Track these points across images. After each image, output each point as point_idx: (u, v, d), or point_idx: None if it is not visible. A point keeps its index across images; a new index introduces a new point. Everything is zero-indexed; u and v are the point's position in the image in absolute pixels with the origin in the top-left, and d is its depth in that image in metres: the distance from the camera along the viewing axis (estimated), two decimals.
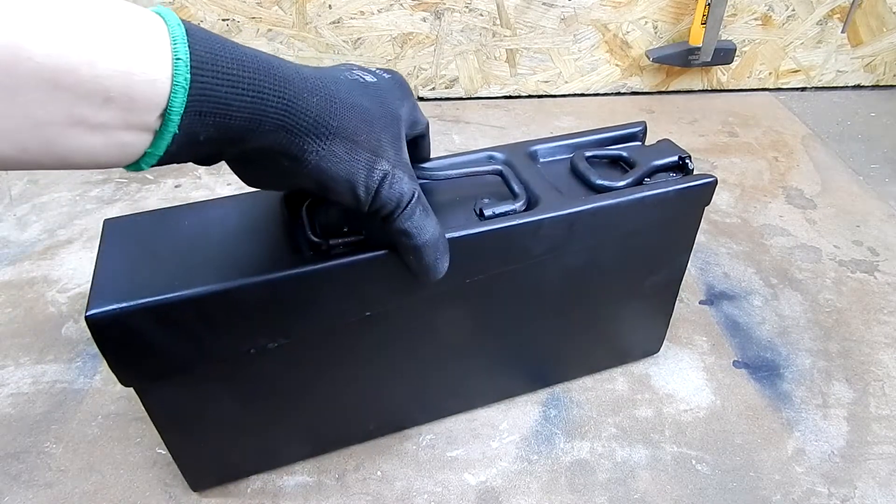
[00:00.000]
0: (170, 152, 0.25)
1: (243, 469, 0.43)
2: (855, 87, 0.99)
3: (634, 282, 0.45)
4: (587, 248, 0.41)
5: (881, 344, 0.54)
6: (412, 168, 0.32)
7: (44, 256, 0.64)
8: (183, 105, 0.23)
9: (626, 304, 0.47)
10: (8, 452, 0.45)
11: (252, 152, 0.28)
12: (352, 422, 0.44)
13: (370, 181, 0.30)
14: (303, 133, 0.27)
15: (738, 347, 0.54)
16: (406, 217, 0.31)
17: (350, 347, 0.39)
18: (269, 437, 0.42)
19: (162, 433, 0.38)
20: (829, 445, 0.46)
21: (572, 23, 0.89)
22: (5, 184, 0.76)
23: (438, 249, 0.33)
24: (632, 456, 0.45)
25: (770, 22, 0.91)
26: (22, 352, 0.53)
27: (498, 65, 0.93)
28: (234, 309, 0.33)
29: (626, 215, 0.40)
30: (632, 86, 0.96)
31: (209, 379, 0.36)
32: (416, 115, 0.35)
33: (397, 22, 0.88)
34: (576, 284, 0.43)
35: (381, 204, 0.30)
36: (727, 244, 0.65)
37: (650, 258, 0.44)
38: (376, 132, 0.30)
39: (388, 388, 0.43)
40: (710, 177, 0.41)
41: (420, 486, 0.43)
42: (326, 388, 0.41)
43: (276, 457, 0.44)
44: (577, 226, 0.39)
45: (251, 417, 0.40)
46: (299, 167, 0.28)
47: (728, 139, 0.85)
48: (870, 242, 0.65)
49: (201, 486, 0.42)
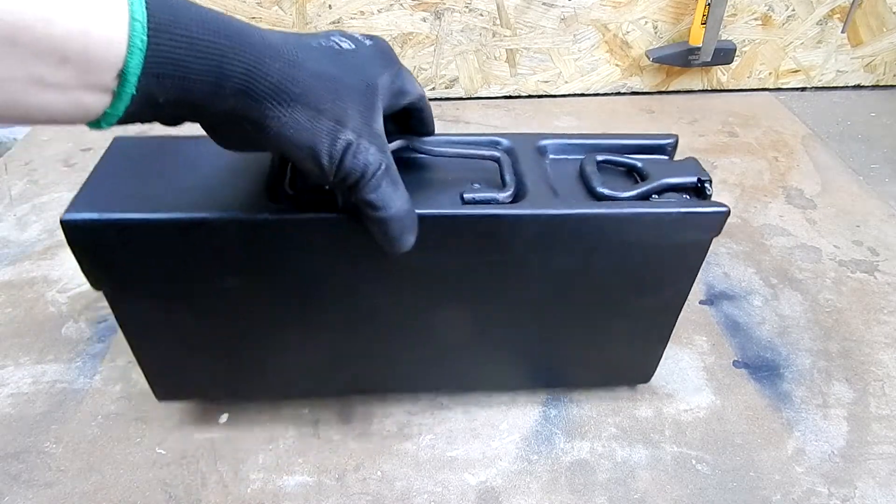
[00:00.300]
0: (130, 113, 0.25)
1: (208, 391, 0.45)
2: (855, 87, 0.99)
3: (627, 302, 0.42)
4: (576, 256, 0.39)
5: (881, 344, 0.54)
6: (385, 139, 0.32)
7: (44, 256, 0.64)
8: (140, 67, 0.23)
9: (617, 323, 0.44)
10: (8, 452, 0.45)
11: (216, 117, 0.28)
12: (314, 374, 0.45)
13: (334, 150, 0.29)
14: (263, 98, 0.27)
15: (738, 347, 0.54)
16: (371, 188, 0.31)
17: (314, 303, 0.39)
18: (233, 368, 0.43)
19: (128, 339, 0.39)
20: (829, 445, 0.46)
21: (572, 23, 0.89)
22: (5, 184, 0.76)
23: (404, 224, 0.33)
24: (632, 456, 0.45)
25: (770, 22, 0.91)
26: (22, 352, 0.53)
27: (498, 65, 0.93)
28: (195, 241, 0.35)
29: (620, 230, 0.37)
30: (632, 86, 0.96)
31: (174, 298, 0.38)
32: (401, 84, 0.34)
33: (397, 22, 0.88)
34: (564, 291, 0.41)
35: (346, 173, 0.30)
36: (727, 244, 0.65)
37: (646, 280, 0.41)
38: (343, 101, 0.29)
39: (352, 349, 0.43)
40: (721, 206, 0.37)
41: (420, 486, 0.43)
42: (288, 335, 0.41)
43: (238, 388, 0.45)
44: (562, 230, 0.37)
45: (212, 344, 0.41)
46: (261, 133, 0.28)
47: (728, 139, 0.85)
48: (870, 242, 0.65)
49: (166, 396, 0.44)
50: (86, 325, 0.56)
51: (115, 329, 0.55)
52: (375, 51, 0.33)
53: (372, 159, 0.30)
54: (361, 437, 0.46)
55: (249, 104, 0.27)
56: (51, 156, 0.82)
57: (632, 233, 0.37)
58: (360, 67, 0.31)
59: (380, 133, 0.31)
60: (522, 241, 0.37)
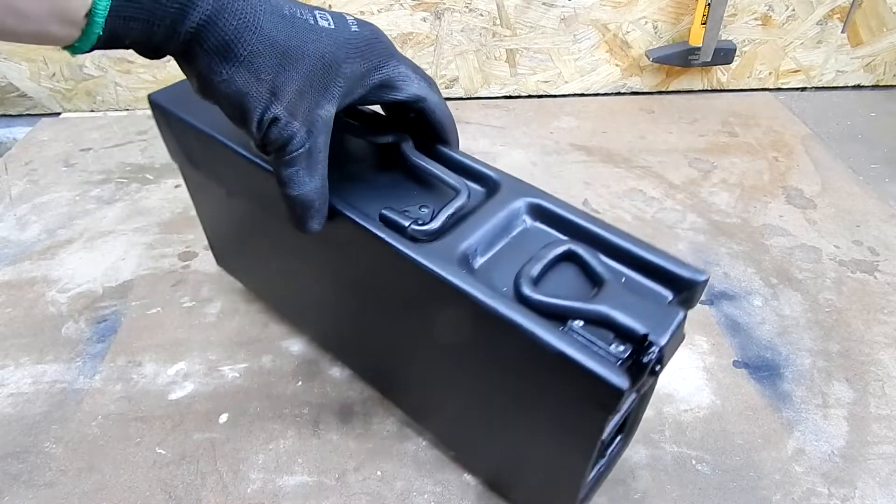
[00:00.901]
0: (97, 47, 0.27)
1: (244, 278, 0.57)
2: (855, 87, 0.99)
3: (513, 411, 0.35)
4: (451, 329, 0.33)
5: (881, 344, 0.54)
6: (324, 124, 0.32)
7: (44, 256, 0.64)
8: (107, 9, 0.26)
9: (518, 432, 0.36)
10: (8, 452, 0.45)
11: (179, 62, 0.30)
12: (293, 302, 0.52)
13: (262, 119, 0.30)
14: (212, 52, 0.28)
15: (738, 347, 0.54)
16: (286, 165, 0.32)
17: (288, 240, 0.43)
18: (253, 267, 0.53)
19: (196, 207, 0.53)
20: (829, 445, 0.46)
21: (572, 23, 0.89)
22: (5, 184, 0.76)
23: (310, 209, 0.33)
24: (632, 456, 0.45)
25: (770, 22, 0.91)
26: (22, 352, 0.53)
27: (498, 65, 0.93)
28: (218, 155, 0.41)
29: (492, 328, 0.30)
30: (632, 86, 0.96)
31: (213, 187, 0.47)
32: (387, 79, 0.34)
33: (397, 22, 0.88)
34: (457, 362, 0.36)
35: (268, 142, 0.31)
36: (727, 244, 0.65)
37: (525, 397, 0.33)
38: (286, 75, 0.30)
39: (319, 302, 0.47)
40: (619, 380, 0.26)
41: (420, 486, 0.43)
42: (278, 256, 0.47)
43: (259, 290, 0.56)
44: (434, 292, 0.32)
45: (241, 239, 0.52)
46: (204, 85, 0.30)
47: (728, 139, 0.85)
48: (870, 242, 0.65)
49: (219, 263, 0.58)
50: (86, 325, 0.56)
51: (116, 329, 0.55)
52: (358, 38, 0.32)
53: (296, 140, 0.31)
54: (361, 437, 0.46)
55: (198, 53, 0.29)
56: (51, 156, 0.82)
57: (503, 341, 0.30)
58: (328, 49, 0.31)
59: (320, 116, 0.31)
60: (396, 281, 0.35)
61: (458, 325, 0.32)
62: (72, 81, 0.92)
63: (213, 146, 0.41)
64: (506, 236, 0.35)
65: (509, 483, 0.42)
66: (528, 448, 0.37)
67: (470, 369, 0.36)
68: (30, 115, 0.95)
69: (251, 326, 0.56)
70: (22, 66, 0.90)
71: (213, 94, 0.30)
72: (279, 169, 0.32)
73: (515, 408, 0.34)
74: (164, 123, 0.45)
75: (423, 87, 0.36)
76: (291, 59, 0.30)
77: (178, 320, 0.56)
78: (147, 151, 0.83)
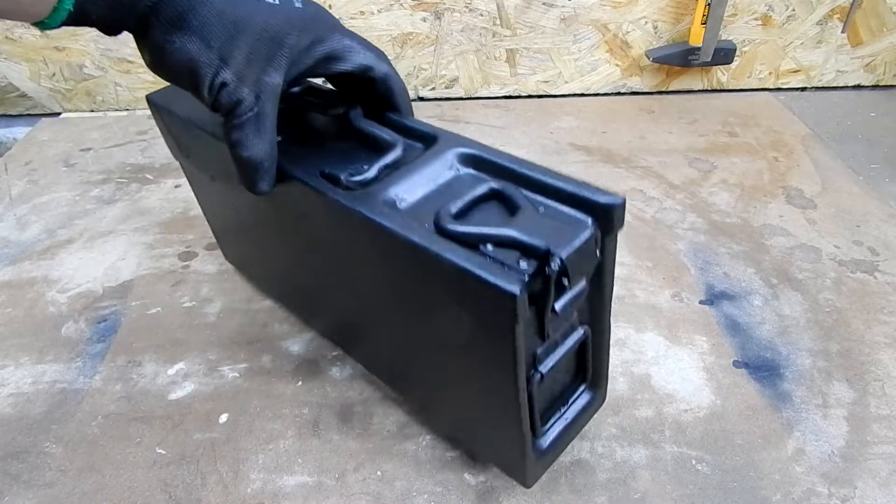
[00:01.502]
0: (67, 23, 0.30)
1: (246, 270, 0.60)
2: (855, 87, 0.99)
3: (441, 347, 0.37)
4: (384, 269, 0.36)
5: (881, 344, 0.54)
6: (272, 90, 0.34)
7: (44, 256, 0.64)
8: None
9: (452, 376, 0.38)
10: (8, 452, 0.45)
11: (135, 37, 0.33)
12: (286, 286, 0.54)
13: (213, 84, 0.32)
14: (167, 23, 0.31)
15: (738, 347, 0.54)
16: (235, 127, 0.34)
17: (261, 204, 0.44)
18: (249, 257, 0.57)
19: (200, 205, 0.58)
20: (829, 445, 0.46)
21: (572, 23, 0.89)
22: (5, 184, 0.76)
23: (259, 170, 0.36)
24: (632, 456, 0.45)
25: (770, 22, 0.91)
26: (22, 352, 0.53)
27: (498, 65, 0.93)
28: (196, 140, 0.45)
29: (413, 258, 0.32)
30: (632, 86, 0.96)
31: (201, 175, 0.51)
32: (331, 51, 0.36)
33: (397, 22, 0.88)
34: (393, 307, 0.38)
35: (219, 106, 0.33)
36: (727, 244, 0.65)
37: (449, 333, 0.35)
38: (236, 43, 0.32)
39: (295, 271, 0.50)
40: (511, 285, 0.27)
41: (420, 486, 0.43)
42: (262, 237, 0.50)
43: (253, 271, 0.59)
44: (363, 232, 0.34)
45: (237, 229, 0.55)
46: (159, 55, 0.32)
47: (728, 139, 0.85)
48: (870, 242, 0.65)
49: (227, 257, 0.61)
50: (86, 325, 0.56)
51: (115, 329, 0.55)
52: (302, 13, 0.35)
53: (245, 103, 0.33)
54: (361, 437, 0.46)
55: (154, 25, 0.31)
56: (51, 156, 0.82)
57: (422, 272, 0.32)
58: (273, 21, 0.33)
59: (267, 83, 0.34)
60: (337, 231, 0.37)
61: (388, 263, 0.35)
62: (72, 81, 0.92)
63: (192, 130, 0.44)
64: (436, 183, 0.36)
65: (466, 435, 0.44)
66: (467, 391, 0.38)
67: (405, 311, 0.38)
68: (30, 115, 0.95)
69: (251, 326, 0.56)
70: (22, 66, 0.90)
71: (167, 63, 0.33)
72: (230, 132, 0.34)
73: (446, 346, 0.36)
74: (160, 120, 0.49)
75: (370, 56, 0.38)
76: (239, 29, 0.32)
77: (178, 320, 0.56)
78: (147, 151, 0.83)
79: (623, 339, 0.54)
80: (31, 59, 0.89)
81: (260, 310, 0.57)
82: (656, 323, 0.56)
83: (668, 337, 0.53)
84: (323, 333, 0.54)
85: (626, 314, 0.57)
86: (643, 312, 0.57)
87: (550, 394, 0.39)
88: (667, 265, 0.62)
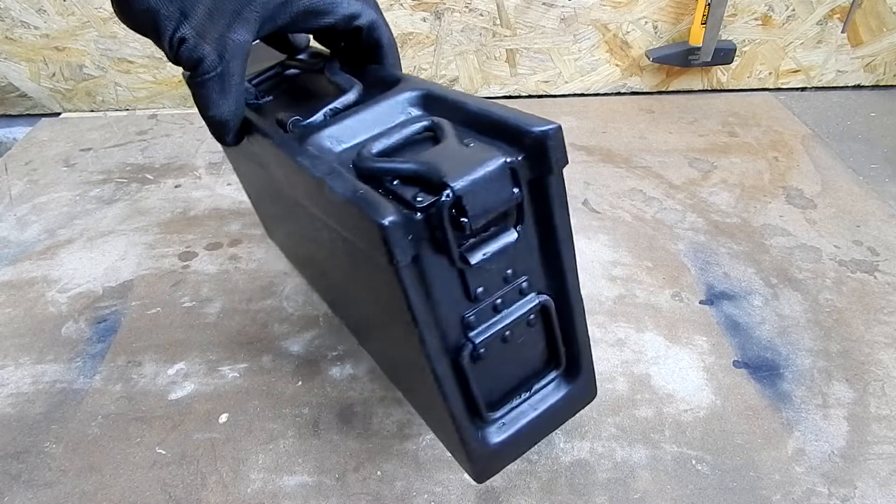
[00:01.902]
0: None
1: (281, 246, 0.62)
2: (855, 87, 0.99)
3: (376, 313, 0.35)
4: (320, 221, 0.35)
5: (881, 344, 0.54)
6: (236, 48, 0.33)
7: (44, 256, 0.64)
8: None
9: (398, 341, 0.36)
10: (8, 452, 0.45)
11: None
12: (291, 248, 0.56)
13: (173, 38, 0.31)
14: None
15: (738, 347, 0.54)
16: (199, 86, 0.33)
17: None
18: (276, 226, 0.58)
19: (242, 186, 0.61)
20: (829, 445, 0.46)
21: (572, 23, 0.89)
22: (5, 184, 0.76)
23: (224, 128, 0.36)
24: (632, 456, 0.45)
25: (770, 22, 0.91)
26: (22, 352, 0.53)
27: (498, 65, 0.93)
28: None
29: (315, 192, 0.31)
30: (632, 86, 0.96)
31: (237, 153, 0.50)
32: (311, 5, 0.34)
33: (397, 22, 0.88)
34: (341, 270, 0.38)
35: (180, 62, 0.32)
36: (727, 244, 0.65)
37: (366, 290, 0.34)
38: (198, 0, 0.31)
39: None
40: (384, 218, 0.25)
41: (420, 486, 0.43)
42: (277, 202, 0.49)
43: (284, 247, 0.61)
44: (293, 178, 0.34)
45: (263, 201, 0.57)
46: (121, 3, 0.31)
47: (728, 139, 0.85)
48: (870, 242, 0.65)
49: (270, 236, 0.64)
50: (86, 325, 0.56)
51: (115, 329, 0.55)
52: None
53: (207, 62, 0.32)
54: (361, 437, 0.46)
55: None
56: (51, 156, 0.82)
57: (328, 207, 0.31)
58: None
59: (232, 40, 0.32)
60: (285, 178, 0.36)
61: (317, 209, 0.33)
62: (72, 81, 0.92)
63: None
64: (383, 125, 0.34)
65: (427, 419, 0.41)
66: (404, 360, 0.37)
67: (341, 264, 0.37)
68: (30, 115, 0.95)
69: (251, 326, 0.56)
70: (22, 66, 0.90)
71: (129, 13, 0.31)
72: (194, 90, 0.34)
73: (372, 301, 0.35)
74: None
75: (355, 4, 0.36)
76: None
77: (178, 320, 0.56)
78: (147, 151, 0.83)
79: (623, 339, 0.54)
80: (31, 59, 0.89)
81: (260, 310, 0.57)
82: (656, 323, 0.56)
83: (668, 337, 0.53)
84: (331, 310, 0.55)
85: (626, 314, 0.57)
86: (643, 312, 0.57)
87: (505, 376, 0.35)
88: (667, 265, 0.62)
